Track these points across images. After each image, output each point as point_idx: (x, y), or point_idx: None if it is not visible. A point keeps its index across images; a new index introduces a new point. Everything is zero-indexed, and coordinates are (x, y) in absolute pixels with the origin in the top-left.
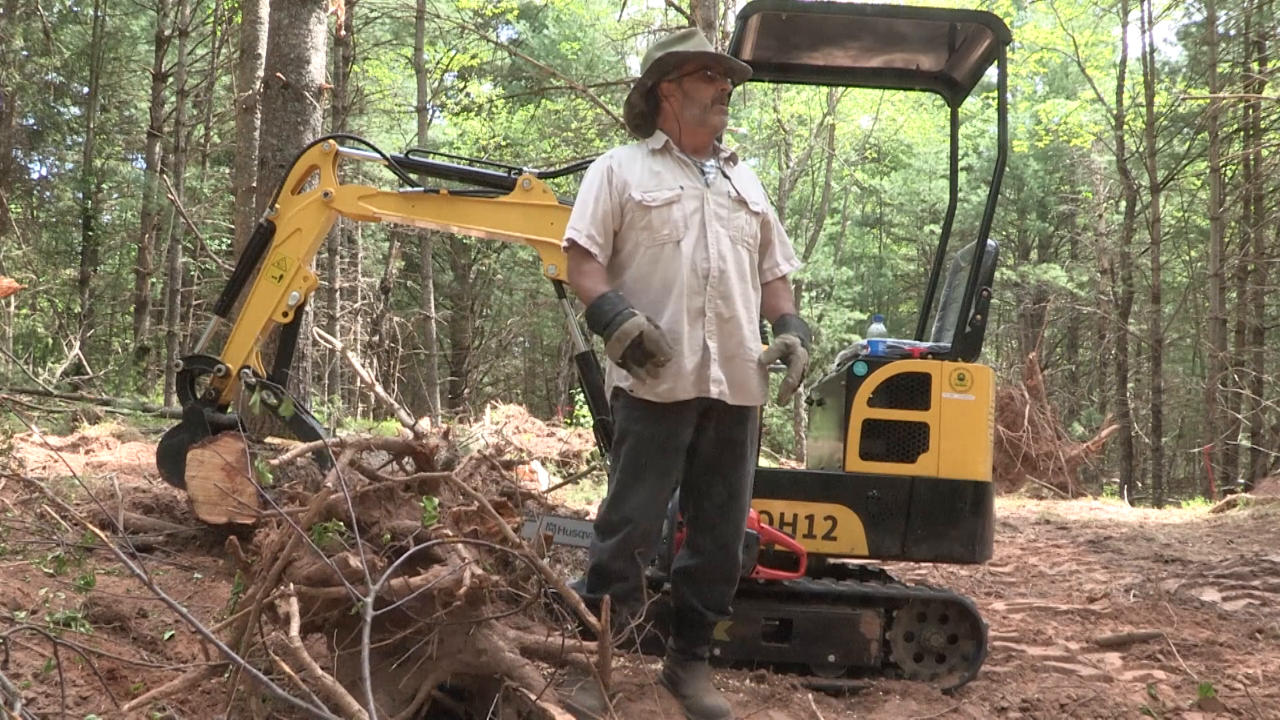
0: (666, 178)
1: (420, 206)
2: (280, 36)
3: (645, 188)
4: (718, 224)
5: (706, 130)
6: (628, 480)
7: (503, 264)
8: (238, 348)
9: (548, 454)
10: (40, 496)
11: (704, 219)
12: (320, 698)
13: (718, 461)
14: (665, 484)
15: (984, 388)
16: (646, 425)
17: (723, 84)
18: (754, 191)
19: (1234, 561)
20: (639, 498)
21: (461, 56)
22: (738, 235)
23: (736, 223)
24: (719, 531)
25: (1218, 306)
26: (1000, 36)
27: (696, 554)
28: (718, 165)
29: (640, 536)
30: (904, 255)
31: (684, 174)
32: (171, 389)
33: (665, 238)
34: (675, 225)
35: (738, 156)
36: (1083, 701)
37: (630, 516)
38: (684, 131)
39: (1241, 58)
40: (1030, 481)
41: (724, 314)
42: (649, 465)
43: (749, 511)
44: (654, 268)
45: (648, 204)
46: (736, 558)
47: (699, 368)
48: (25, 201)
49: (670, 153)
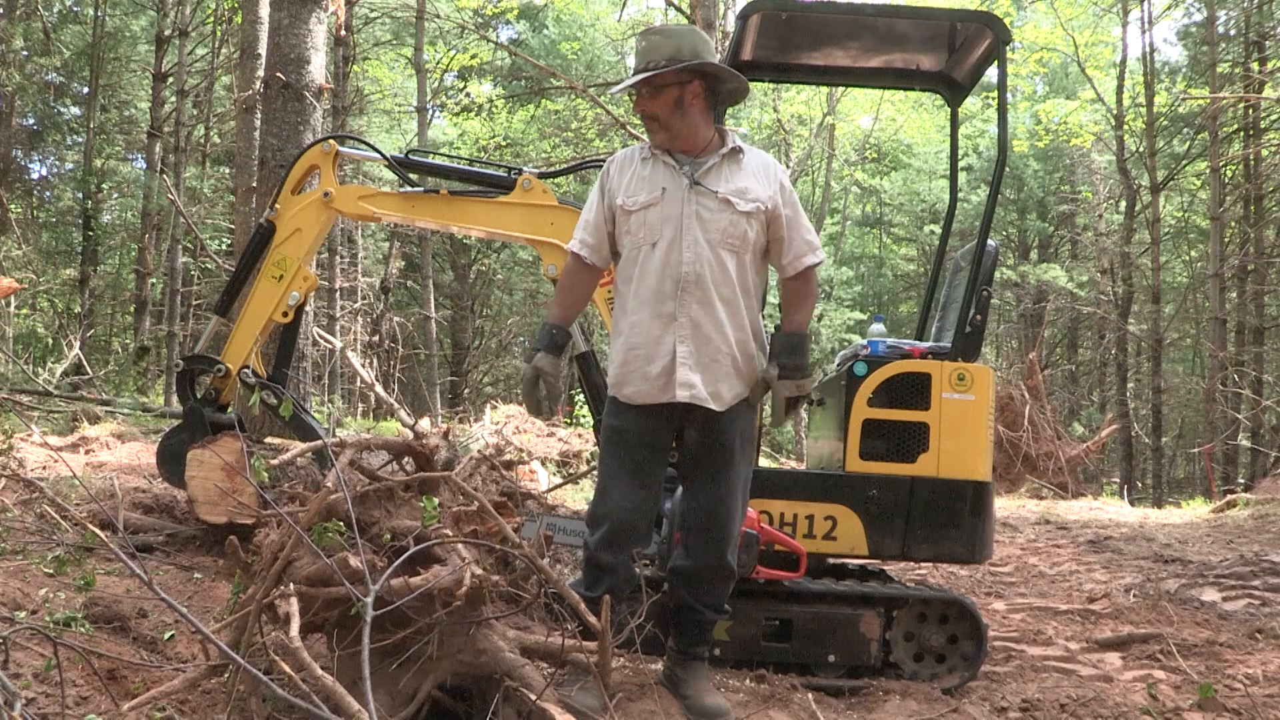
0: (652, 181)
1: (420, 206)
2: (280, 36)
3: (629, 191)
4: (698, 227)
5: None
6: (605, 475)
7: (503, 264)
8: (238, 348)
9: (548, 454)
10: (40, 496)
11: (682, 222)
12: (320, 698)
13: (704, 464)
14: (643, 480)
15: (984, 388)
16: (621, 421)
17: (645, 105)
18: (755, 187)
19: (1234, 561)
20: (616, 493)
21: (461, 56)
22: (720, 238)
23: (719, 224)
24: (709, 534)
25: (1218, 306)
26: (1000, 36)
27: (689, 554)
28: (714, 164)
29: (621, 530)
30: (904, 255)
31: (669, 176)
32: (171, 389)
33: (642, 240)
34: (651, 229)
35: (743, 149)
36: (1083, 701)
37: (610, 511)
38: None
39: (1241, 58)
40: (1030, 481)
41: (699, 319)
42: (623, 461)
43: (742, 513)
44: (634, 270)
45: (628, 208)
46: (726, 558)
47: (665, 373)
48: (25, 201)
49: (659, 155)
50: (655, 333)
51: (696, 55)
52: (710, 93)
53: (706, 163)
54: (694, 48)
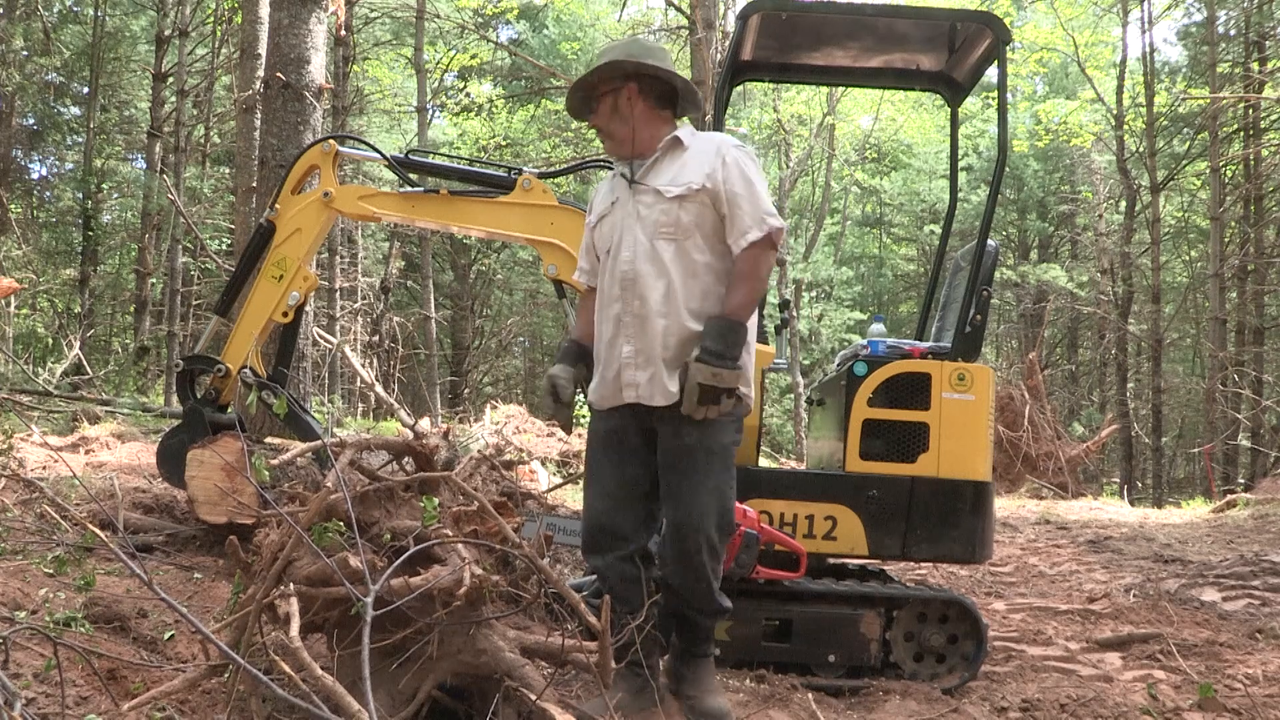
0: (609, 194)
1: (420, 206)
2: (280, 36)
3: (595, 211)
4: (637, 225)
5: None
6: (585, 481)
7: (503, 264)
8: (237, 348)
9: (548, 454)
10: (40, 496)
11: (624, 226)
12: (320, 698)
13: (668, 465)
14: (617, 481)
15: (984, 388)
16: (594, 426)
17: (592, 120)
18: (687, 172)
19: (1234, 561)
20: (591, 496)
21: (461, 56)
22: (654, 230)
23: (653, 217)
24: (676, 544)
25: (1218, 306)
26: (1000, 36)
27: (661, 563)
28: (654, 159)
29: (597, 531)
30: (904, 255)
31: (620, 186)
32: (171, 389)
33: (601, 251)
34: (605, 238)
35: (684, 139)
36: (1083, 701)
37: (587, 513)
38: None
39: (1241, 58)
40: (1030, 481)
41: (640, 313)
42: (599, 465)
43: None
44: (599, 281)
45: (591, 225)
46: (695, 565)
47: (617, 375)
48: (25, 201)
49: (618, 169)
50: (608, 335)
51: (636, 61)
52: (654, 95)
53: (647, 161)
54: (630, 54)
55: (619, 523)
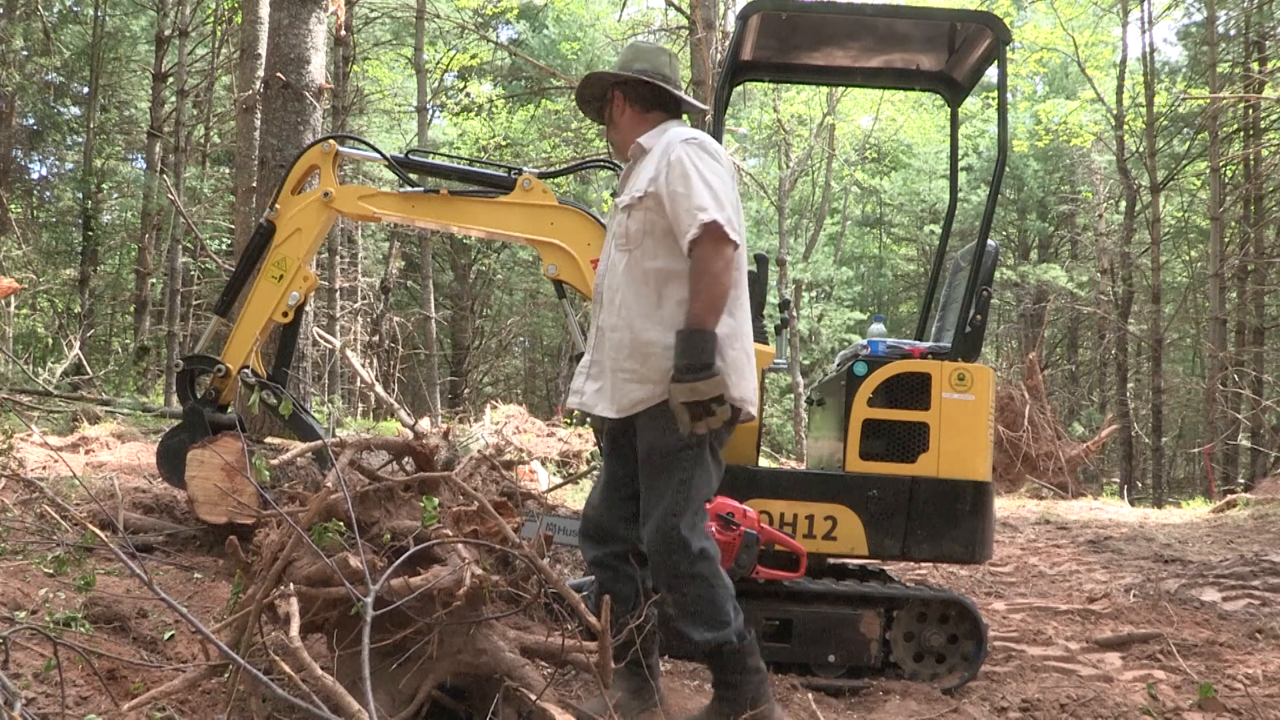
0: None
1: (420, 206)
2: (280, 36)
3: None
4: (610, 236)
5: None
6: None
7: (503, 264)
8: (237, 348)
9: (548, 454)
10: (40, 496)
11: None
12: (320, 698)
13: (642, 475)
14: (607, 479)
15: (984, 388)
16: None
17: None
18: (639, 179)
19: (1234, 561)
20: (594, 486)
21: (461, 56)
22: (613, 242)
23: (613, 229)
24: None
25: (1218, 306)
26: (1000, 36)
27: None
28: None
29: (588, 522)
30: (904, 255)
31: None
32: (171, 389)
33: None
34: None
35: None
36: (1083, 701)
37: (586, 501)
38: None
39: (1241, 58)
40: (1030, 481)
41: (601, 325)
42: (604, 459)
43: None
44: None
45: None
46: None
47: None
48: (25, 201)
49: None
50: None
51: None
52: (639, 99)
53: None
54: (622, 64)
55: (606, 518)
